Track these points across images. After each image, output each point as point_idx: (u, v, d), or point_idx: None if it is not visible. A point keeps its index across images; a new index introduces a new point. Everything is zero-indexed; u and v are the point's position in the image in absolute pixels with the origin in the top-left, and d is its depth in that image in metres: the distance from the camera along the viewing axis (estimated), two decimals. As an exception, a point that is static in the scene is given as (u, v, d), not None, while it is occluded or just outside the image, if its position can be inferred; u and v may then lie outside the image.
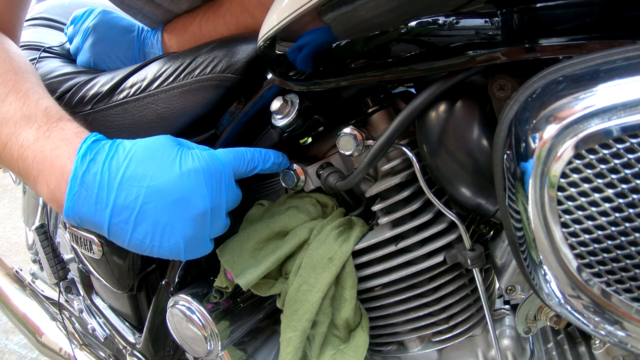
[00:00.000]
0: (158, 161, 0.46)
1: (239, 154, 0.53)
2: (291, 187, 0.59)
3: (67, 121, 0.50)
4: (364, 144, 0.53)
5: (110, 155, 0.46)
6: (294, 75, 0.53)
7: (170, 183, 0.45)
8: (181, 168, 0.46)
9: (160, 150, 0.48)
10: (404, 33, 0.42)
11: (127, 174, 0.45)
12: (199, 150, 0.50)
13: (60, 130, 0.48)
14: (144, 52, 0.78)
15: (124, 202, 0.45)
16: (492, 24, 0.38)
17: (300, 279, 0.55)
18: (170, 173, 0.46)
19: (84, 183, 0.45)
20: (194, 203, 0.46)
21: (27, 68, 0.57)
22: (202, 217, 0.47)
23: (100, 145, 0.47)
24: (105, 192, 0.45)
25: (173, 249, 0.47)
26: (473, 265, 0.52)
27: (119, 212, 0.45)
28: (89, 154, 0.46)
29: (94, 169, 0.45)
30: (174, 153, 0.48)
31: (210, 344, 0.63)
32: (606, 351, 0.54)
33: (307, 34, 0.47)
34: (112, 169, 0.45)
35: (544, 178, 0.34)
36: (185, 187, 0.46)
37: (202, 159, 0.48)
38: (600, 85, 0.32)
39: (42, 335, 1.17)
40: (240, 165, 0.52)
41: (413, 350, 0.61)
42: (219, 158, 0.50)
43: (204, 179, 0.47)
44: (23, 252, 2.40)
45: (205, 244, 0.50)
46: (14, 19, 0.64)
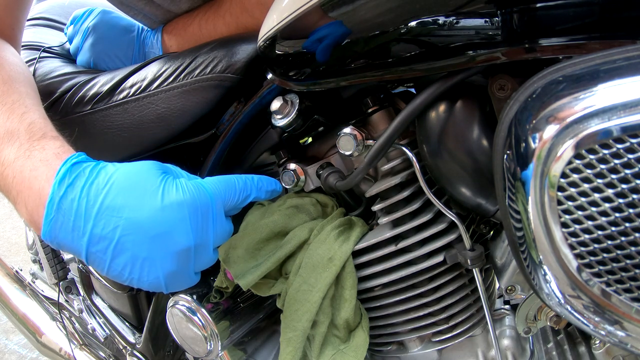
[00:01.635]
0: (139, 191, 0.43)
1: (230, 184, 0.49)
2: (291, 187, 0.59)
3: (49, 139, 0.48)
4: (364, 144, 0.53)
5: (90, 180, 0.43)
6: (294, 75, 0.53)
7: (151, 216, 0.42)
8: (163, 200, 0.43)
9: (143, 179, 0.44)
10: (404, 33, 0.42)
11: (105, 203, 0.42)
12: (185, 180, 0.46)
13: (41, 150, 0.46)
14: (144, 52, 0.78)
15: (101, 232, 0.42)
16: (492, 24, 0.38)
17: (300, 279, 0.55)
18: (151, 205, 0.43)
19: (61, 209, 0.42)
20: (176, 239, 0.43)
21: (19, 77, 0.54)
22: (185, 253, 0.44)
23: (81, 168, 0.44)
24: (82, 220, 0.42)
25: (153, 283, 0.44)
26: (473, 265, 0.52)
27: (96, 242, 0.42)
28: (68, 178, 0.43)
29: (71, 194, 0.42)
30: (157, 183, 0.44)
31: (210, 344, 0.63)
32: (606, 351, 0.54)
33: (308, 34, 0.47)
34: (90, 196, 0.42)
35: (544, 178, 0.34)
36: (166, 221, 0.43)
37: (187, 191, 0.45)
38: (600, 85, 0.32)
39: (42, 335, 1.17)
40: (231, 197, 0.49)
41: (413, 350, 0.61)
42: (206, 189, 0.46)
43: (188, 213, 0.43)
44: (23, 252, 2.40)
45: (190, 278, 0.47)
46: (13, 23, 0.63)
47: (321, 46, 0.47)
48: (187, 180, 0.47)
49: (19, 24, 0.64)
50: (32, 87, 0.57)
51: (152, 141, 0.64)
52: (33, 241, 1.26)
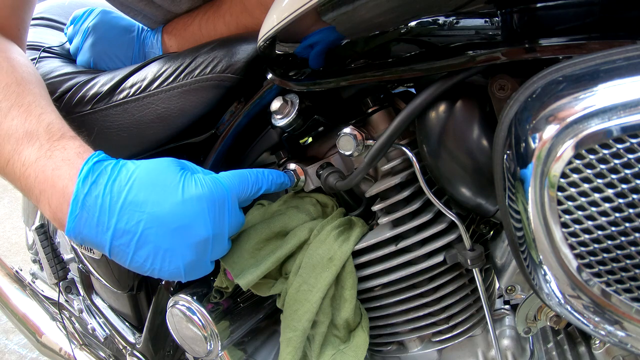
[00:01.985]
0: (160, 187, 0.46)
1: (243, 178, 0.51)
2: (291, 187, 0.59)
3: (69, 139, 0.49)
4: (364, 144, 0.53)
5: (112, 178, 0.45)
6: (294, 75, 0.53)
7: (172, 210, 0.45)
8: (184, 195, 0.46)
9: (163, 175, 0.47)
10: (404, 33, 0.42)
11: (128, 199, 0.45)
12: (202, 175, 0.49)
13: (62, 150, 0.48)
14: (144, 52, 0.78)
15: (125, 227, 0.44)
16: (492, 24, 0.38)
17: (300, 279, 0.55)
18: (172, 200, 0.45)
19: (85, 206, 0.44)
20: (195, 231, 0.46)
21: (31, 78, 0.56)
22: (203, 243, 0.47)
23: (103, 166, 0.46)
24: (106, 216, 0.44)
25: (173, 272, 0.47)
26: (473, 265, 0.52)
27: (120, 235, 0.45)
28: (91, 176, 0.45)
29: (95, 191, 0.45)
30: (177, 178, 0.47)
31: (210, 344, 0.63)
32: (606, 351, 0.54)
33: (309, 35, 0.47)
34: (113, 192, 0.45)
35: (544, 178, 0.34)
36: (187, 214, 0.45)
37: (205, 186, 0.47)
38: (600, 85, 0.32)
39: (42, 335, 1.17)
40: (244, 190, 0.51)
41: (413, 350, 0.61)
42: (222, 184, 0.49)
43: (206, 206, 0.46)
44: (23, 252, 2.40)
45: (206, 267, 0.50)
46: (18, 23, 0.63)
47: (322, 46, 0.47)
48: (203, 175, 0.49)
49: (24, 24, 0.65)
50: (44, 87, 0.58)
51: (152, 141, 0.64)
52: (33, 241, 1.26)
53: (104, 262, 0.84)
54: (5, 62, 0.55)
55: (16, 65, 0.56)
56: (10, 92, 0.51)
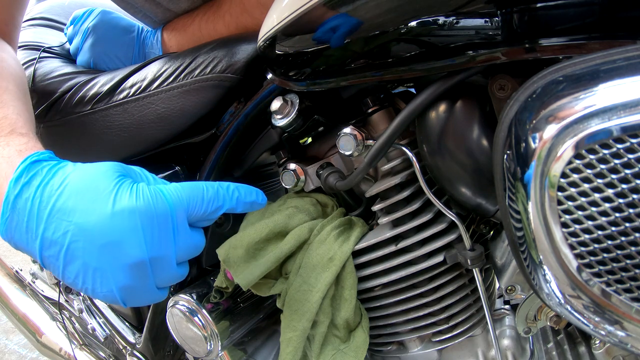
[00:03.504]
0: (91, 194, 0.40)
1: (196, 192, 0.44)
2: (291, 187, 0.59)
3: (16, 136, 0.46)
4: (364, 144, 0.53)
5: (45, 180, 0.41)
6: (294, 75, 0.53)
7: (99, 223, 0.39)
8: (114, 207, 0.39)
9: (97, 181, 0.41)
10: (404, 33, 0.42)
11: (57, 205, 0.40)
12: (144, 185, 0.42)
13: (5, 146, 0.44)
14: (144, 52, 0.79)
15: (52, 236, 0.40)
16: (492, 24, 0.38)
17: (300, 279, 0.55)
18: (100, 211, 0.39)
19: (16, 208, 0.40)
20: (126, 250, 0.39)
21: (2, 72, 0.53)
22: (138, 266, 0.40)
23: (40, 167, 0.42)
24: (34, 222, 0.40)
25: (107, 295, 0.41)
26: (473, 265, 0.52)
27: (48, 246, 0.40)
28: (25, 177, 0.41)
29: (26, 194, 0.40)
30: (111, 187, 0.41)
31: (210, 344, 0.63)
32: (606, 351, 0.54)
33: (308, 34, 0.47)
34: (44, 196, 0.40)
35: (544, 178, 0.34)
36: (116, 230, 0.39)
37: (141, 197, 0.40)
38: (600, 85, 0.32)
39: (42, 335, 1.17)
40: (197, 207, 0.44)
41: (413, 350, 0.61)
42: (165, 196, 0.42)
43: (140, 222, 0.39)
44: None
45: (151, 294, 0.43)
46: (7, 19, 0.62)
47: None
48: (146, 185, 0.42)
49: (14, 21, 0.64)
50: (16, 82, 0.55)
51: (152, 141, 0.64)
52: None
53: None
54: None
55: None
56: None
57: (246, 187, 0.48)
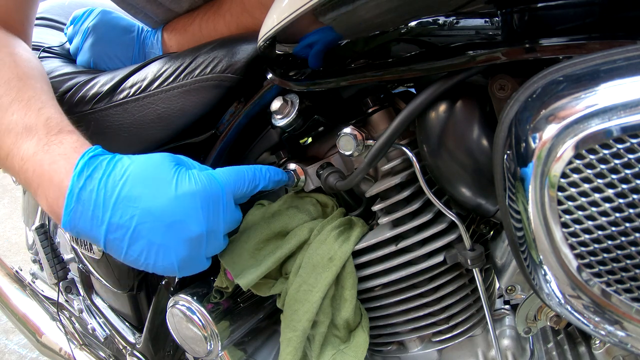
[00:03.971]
0: (154, 182, 0.46)
1: (240, 174, 0.51)
2: (291, 187, 0.59)
3: (67, 133, 0.50)
4: (364, 144, 0.53)
5: (107, 173, 0.46)
6: (294, 75, 0.53)
7: (165, 206, 0.45)
8: (177, 191, 0.46)
9: (157, 170, 0.47)
10: (404, 33, 0.42)
11: (122, 194, 0.45)
12: (197, 171, 0.49)
13: (59, 144, 0.48)
14: (144, 52, 0.78)
15: (118, 221, 0.45)
16: (492, 24, 0.38)
17: (300, 279, 0.55)
18: (165, 196, 0.45)
19: (80, 200, 0.45)
20: (189, 227, 0.46)
21: (33, 73, 0.56)
22: (197, 240, 0.47)
23: (98, 161, 0.47)
24: (100, 210, 0.45)
25: (167, 267, 0.47)
26: (473, 265, 0.52)
27: (114, 230, 0.45)
28: (86, 171, 0.45)
29: (90, 186, 0.45)
30: (171, 174, 0.47)
31: (210, 344, 0.63)
32: (606, 351, 0.54)
33: (308, 34, 0.47)
34: (108, 187, 0.45)
35: (544, 178, 0.34)
36: (180, 210, 0.45)
37: (199, 182, 0.47)
38: (600, 85, 0.32)
39: (42, 335, 1.17)
40: (240, 186, 0.51)
41: (413, 350, 0.61)
42: (217, 180, 0.49)
43: (200, 202, 0.46)
44: (23, 252, 2.40)
45: (201, 263, 0.49)
46: (23, 19, 0.63)
47: (321, 46, 0.47)
48: (199, 171, 0.49)
49: (28, 20, 0.65)
50: (47, 82, 0.58)
51: (152, 141, 0.64)
52: (33, 241, 1.26)
53: (104, 262, 0.84)
54: (8, 57, 0.55)
55: (19, 60, 0.56)
56: (11, 87, 0.52)
57: (273, 168, 0.56)
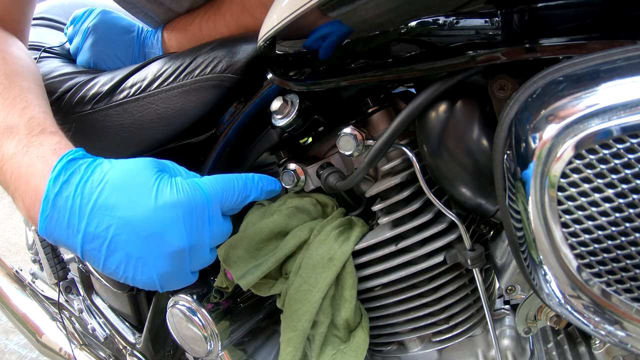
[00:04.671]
0: (133, 190, 0.43)
1: (229, 184, 0.48)
2: (291, 187, 0.59)
3: (48, 135, 0.47)
4: (364, 144, 0.53)
5: (84, 178, 0.43)
6: (294, 75, 0.53)
7: (144, 217, 0.42)
8: (157, 201, 0.42)
9: (138, 177, 0.44)
10: (404, 33, 0.42)
11: (99, 202, 0.42)
12: (181, 179, 0.45)
13: (39, 146, 0.46)
14: (144, 52, 0.78)
15: (95, 231, 0.42)
16: (492, 24, 0.38)
17: (300, 279, 0.55)
18: (144, 205, 0.42)
19: (56, 206, 0.42)
20: (169, 240, 0.42)
21: (22, 71, 0.54)
22: (179, 254, 0.43)
23: (77, 165, 0.44)
24: (76, 218, 0.42)
25: (147, 282, 0.44)
26: (473, 265, 0.52)
27: (90, 240, 0.42)
28: (63, 175, 0.43)
29: (66, 192, 0.42)
30: (151, 182, 0.43)
31: (210, 344, 0.63)
32: (606, 351, 0.54)
33: (308, 35, 0.47)
34: (84, 193, 0.42)
35: (544, 178, 0.34)
36: (159, 222, 0.42)
37: (181, 191, 0.44)
38: (600, 85, 0.32)
39: (42, 335, 1.17)
40: (229, 197, 0.48)
41: (413, 350, 0.61)
42: (202, 190, 0.45)
43: (182, 214, 0.43)
44: (23, 252, 2.40)
45: (186, 277, 0.46)
46: (19, 16, 0.62)
47: (321, 46, 0.47)
48: (183, 179, 0.46)
49: (25, 17, 0.64)
50: (36, 81, 0.56)
51: (152, 141, 0.64)
52: (33, 241, 1.26)
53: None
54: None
55: (8, 57, 0.55)
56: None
57: (267, 177, 0.54)
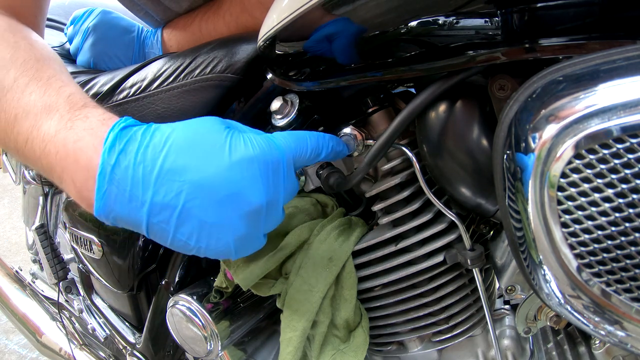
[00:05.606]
0: (203, 149, 0.39)
1: (301, 140, 0.45)
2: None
3: (92, 107, 0.43)
4: (364, 144, 0.53)
5: (144, 144, 0.39)
6: (294, 75, 0.53)
7: (219, 176, 0.38)
8: (231, 157, 0.39)
9: (206, 135, 0.40)
10: (404, 33, 0.42)
11: (165, 167, 0.38)
12: (254, 134, 0.42)
13: (84, 119, 0.41)
14: (144, 52, 0.79)
15: (163, 200, 0.38)
16: (492, 24, 0.38)
17: (300, 279, 0.55)
18: (218, 164, 0.38)
19: (114, 179, 0.38)
20: (247, 199, 0.39)
21: (51, 56, 0.52)
22: (256, 213, 0.40)
23: (132, 132, 0.40)
24: (140, 189, 0.38)
25: (222, 250, 0.41)
26: (473, 265, 0.52)
27: (158, 211, 0.38)
28: (118, 144, 0.38)
29: (125, 162, 0.38)
30: (222, 138, 0.40)
31: (210, 344, 0.63)
32: (606, 351, 0.54)
33: (308, 35, 0.47)
34: (147, 160, 0.38)
35: (543, 178, 0.34)
36: (236, 180, 0.39)
37: (256, 145, 0.40)
38: (600, 85, 0.32)
39: (42, 335, 1.17)
40: (302, 154, 0.44)
41: (413, 350, 0.61)
42: (276, 144, 0.42)
43: (258, 169, 0.39)
44: (23, 252, 2.40)
45: (258, 241, 0.43)
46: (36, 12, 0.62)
47: (321, 46, 0.47)
48: (254, 134, 0.42)
49: (42, 13, 0.63)
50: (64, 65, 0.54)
51: (152, 141, 0.64)
52: (33, 241, 1.26)
53: (104, 262, 0.84)
54: (23, 40, 0.51)
55: (34, 44, 0.52)
56: (28, 67, 0.47)
57: (335, 137, 0.50)
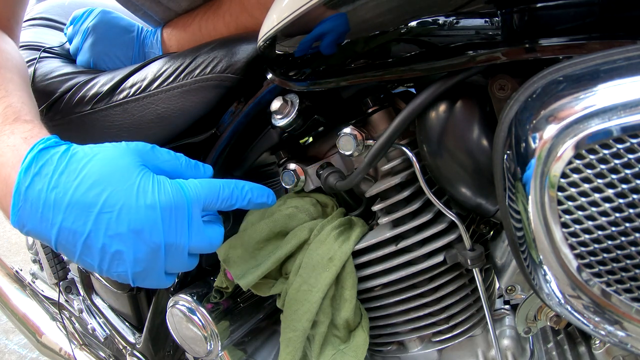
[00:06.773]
0: (114, 186, 0.41)
1: (214, 190, 0.47)
2: (291, 187, 0.59)
3: (21, 122, 0.46)
4: (364, 144, 0.53)
5: (59, 169, 0.41)
6: (294, 75, 0.53)
7: (124, 213, 0.41)
8: (138, 199, 0.42)
9: (119, 172, 0.42)
10: (404, 33, 0.42)
11: (76, 196, 0.41)
12: (165, 179, 0.44)
13: (10, 135, 0.44)
14: (144, 52, 0.78)
15: (71, 226, 0.41)
16: (492, 24, 0.38)
17: (300, 279, 0.55)
18: (124, 202, 0.41)
19: (28, 199, 0.41)
20: (146, 238, 0.42)
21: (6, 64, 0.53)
22: (153, 252, 0.43)
23: (49, 155, 0.42)
24: (51, 213, 0.41)
25: (121, 275, 0.43)
26: (473, 265, 0.52)
27: (66, 235, 0.41)
28: (34, 166, 0.41)
29: (39, 185, 0.41)
30: (133, 178, 0.42)
31: (210, 344, 0.63)
32: (606, 351, 0.54)
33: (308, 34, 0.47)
34: (59, 186, 0.41)
35: (544, 178, 0.34)
36: (139, 220, 0.41)
37: (162, 191, 0.43)
38: (600, 85, 0.32)
39: (42, 335, 1.17)
40: (212, 203, 0.46)
41: (413, 350, 0.61)
42: (185, 193, 0.44)
43: (160, 214, 0.42)
44: (23, 252, 2.40)
45: (159, 278, 0.45)
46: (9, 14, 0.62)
47: (321, 46, 0.47)
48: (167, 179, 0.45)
49: (15, 16, 0.63)
50: (19, 73, 0.55)
51: (152, 141, 0.63)
52: (33, 241, 1.26)
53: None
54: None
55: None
56: None
57: (259, 188, 0.51)
